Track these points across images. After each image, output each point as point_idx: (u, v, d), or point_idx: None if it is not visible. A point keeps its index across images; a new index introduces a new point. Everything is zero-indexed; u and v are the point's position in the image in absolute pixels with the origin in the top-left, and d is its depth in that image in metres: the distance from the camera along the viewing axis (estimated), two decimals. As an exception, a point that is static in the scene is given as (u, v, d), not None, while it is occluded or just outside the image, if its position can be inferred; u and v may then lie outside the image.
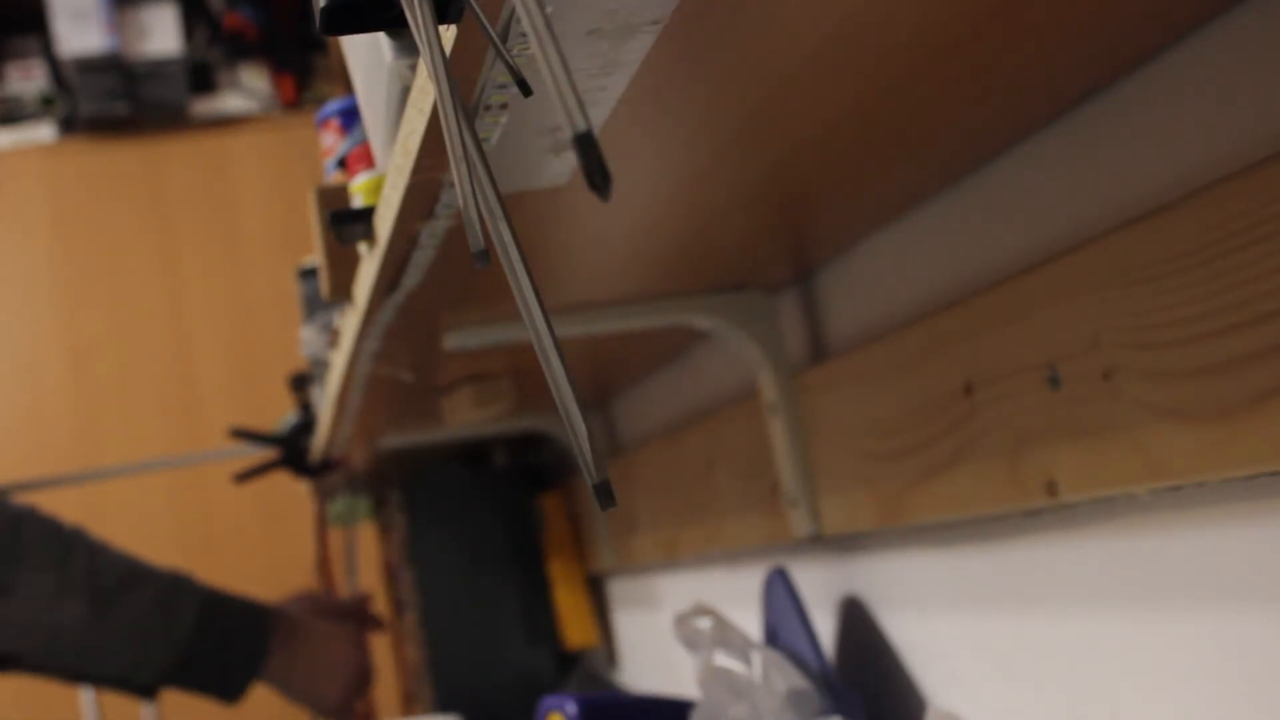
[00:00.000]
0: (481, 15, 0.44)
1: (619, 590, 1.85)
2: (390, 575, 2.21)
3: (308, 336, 1.32)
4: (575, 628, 1.91)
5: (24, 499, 1.44)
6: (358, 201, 0.85)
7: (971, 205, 0.85)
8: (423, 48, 0.44)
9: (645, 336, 1.21)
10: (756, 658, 0.95)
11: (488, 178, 0.42)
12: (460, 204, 0.42)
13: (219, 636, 1.37)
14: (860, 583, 1.08)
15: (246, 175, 2.76)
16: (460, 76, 0.52)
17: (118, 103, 2.66)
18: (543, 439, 1.90)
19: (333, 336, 1.20)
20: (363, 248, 0.83)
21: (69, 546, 1.33)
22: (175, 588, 1.36)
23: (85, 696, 2.27)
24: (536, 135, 0.61)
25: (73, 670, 1.37)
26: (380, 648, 2.31)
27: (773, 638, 1.02)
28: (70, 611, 1.30)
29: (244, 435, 1.74)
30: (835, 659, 1.11)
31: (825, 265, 1.06)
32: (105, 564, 1.34)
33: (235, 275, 2.72)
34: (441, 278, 0.85)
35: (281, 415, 1.77)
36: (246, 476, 1.77)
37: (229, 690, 1.39)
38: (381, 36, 0.64)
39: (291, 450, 1.72)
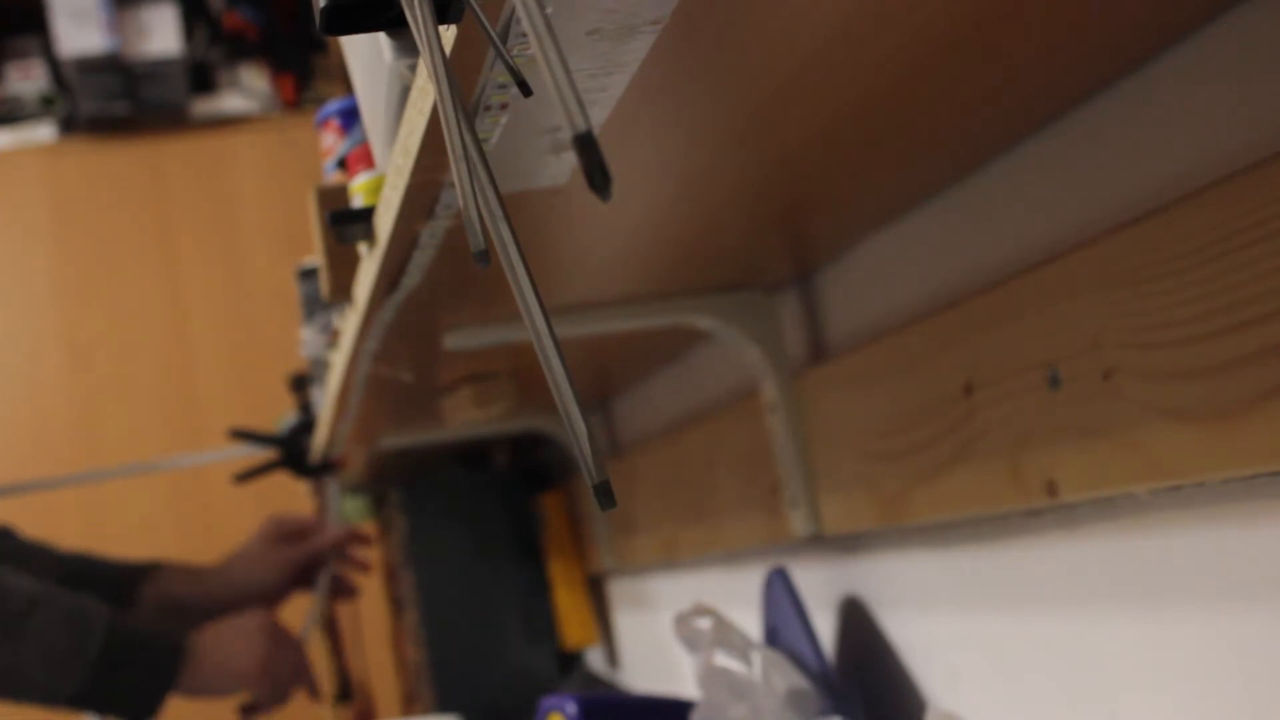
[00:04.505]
0: (481, 15, 0.44)
1: (619, 590, 1.85)
2: (390, 575, 2.21)
3: (308, 336, 1.32)
4: (575, 627, 1.91)
5: (24, 499, 1.44)
6: (358, 201, 0.85)
7: (971, 205, 0.85)
8: (423, 48, 0.44)
9: (645, 336, 1.21)
10: (756, 658, 0.95)
11: (488, 178, 0.42)
12: (460, 204, 0.42)
13: (129, 660, 1.36)
14: (860, 583, 1.08)
15: (246, 175, 2.76)
16: (460, 76, 0.52)
17: (118, 103, 2.66)
18: (543, 439, 1.90)
19: (333, 336, 1.19)
20: (363, 248, 0.83)
21: None
22: (78, 611, 1.36)
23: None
24: (536, 135, 0.61)
25: None
26: (380, 648, 2.31)
27: (773, 638, 1.02)
28: None
29: (244, 436, 1.74)
30: (835, 659, 1.11)
31: (825, 265, 1.06)
32: (11, 589, 1.33)
33: (235, 275, 2.72)
34: (441, 278, 0.85)
35: (281, 415, 1.77)
36: (246, 477, 1.77)
37: (140, 712, 1.39)
38: (381, 36, 0.64)
39: (291, 450, 1.72)
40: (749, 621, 1.09)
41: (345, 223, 0.81)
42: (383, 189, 0.72)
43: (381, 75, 0.66)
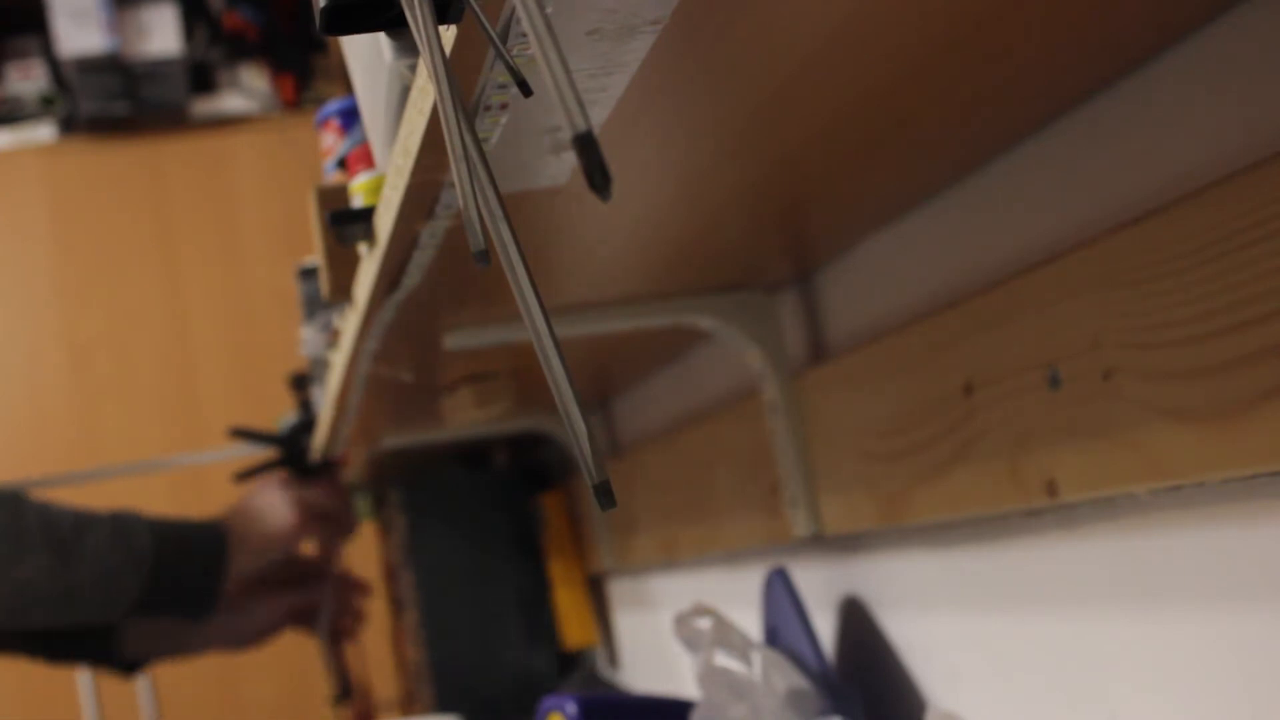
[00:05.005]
0: (481, 15, 0.44)
1: (619, 590, 1.85)
2: (390, 575, 2.21)
3: (308, 336, 1.32)
4: (575, 628, 1.91)
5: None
6: (358, 201, 0.85)
7: (971, 205, 0.85)
8: (423, 48, 0.44)
9: (645, 336, 1.21)
10: (756, 658, 0.95)
11: (488, 178, 0.42)
12: (460, 204, 0.42)
13: (179, 554, 1.41)
14: (860, 583, 1.08)
15: (246, 175, 2.76)
16: (460, 76, 0.52)
17: (118, 103, 2.66)
18: (543, 439, 1.89)
19: (333, 336, 1.19)
20: (363, 248, 0.83)
21: (17, 506, 1.37)
22: (123, 521, 1.41)
23: (84, 693, 2.27)
24: (536, 135, 0.61)
25: (40, 628, 1.41)
26: (380, 648, 2.31)
27: (773, 638, 1.02)
28: (35, 565, 1.34)
29: (244, 435, 1.74)
30: (835, 659, 1.11)
31: (825, 265, 1.06)
32: (55, 515, 1.37)
33: (235, 275, 2.72)
34: (441, 278, 0.85)
35: (281, 415, 1.77)
36: (247, 476, 1.76)
37: (200, 603, 1.43)
38: (381, 36, 0.64)
39: (291, 450, 1.72)
40: (749, 621, 1.09)
41: (345, 223, 0.81)
42: (383, 189, 0.72)
43: (381, 75, 0.66)
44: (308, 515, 1.50)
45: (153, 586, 1.38)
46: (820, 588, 1.13)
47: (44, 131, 2.71)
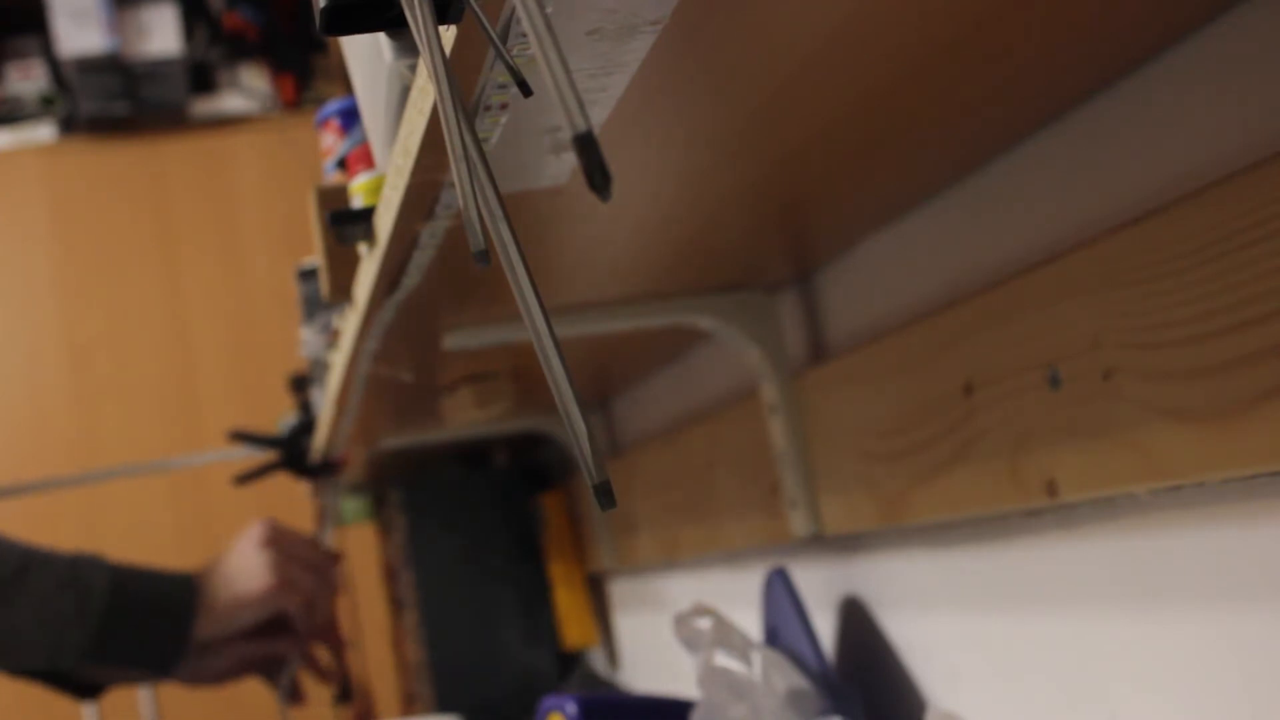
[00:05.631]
0: (481, 15, 0.44)
1: (619, 590, 1.85)
2: (390, 575, 2.21)
3: (308, 336, 1.32)
4: (575, 628, 1.91)
5: (24, 499, 1.43)
6: (358, 201, 0.85)
7: (971, 205, 0.85)
8: (423, 48, 0.44)
9: (645, 336, 1.21)
10: (756, 658, 0.95)
11: (488, 178, 0.42)
12: (460, 204, 0.42)
13: (137, 607, 1.33)
14: (860, 583, 1.08)
15: (246, 175, 2.76)
16: (460, 76, 0.52)
17: (118, 103, 2.66)
18: (543, 439, 1.90)
19: (333, 336, 1.19)
20: (363, 248, 0.83)
21: None
22: (78, 567, 1.33)
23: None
24: (536, 135, 0.61)
25: None
26: (380, 648, 2.31)
27: (773, 638, 1.02)
28: None
29: (244, 438, 1.74)
30: (835, 659, 1.11)
31: (825, 265, 1.06)
32: (2, 551, 1.31)
33: (235, 275, 2.72)
34: (441, 278, 0.85)
35: (281, 416, 1.77)
36: (247, 478, 1.76)
37: (160, 661, 1.36)
38: (381, 36, 0.64)
39: (291, 451, 1.72)
40: (749, 621, 1.09)
41: (345, 223, 0.81)
42: (383, 189, 0.72)
43: (381, 75, 0.66)
44: (286, 581, 1.39)
45: (103, 639, 1.31)
46: (820, 588, 1.13)
47: (44, 131, 2.71)
